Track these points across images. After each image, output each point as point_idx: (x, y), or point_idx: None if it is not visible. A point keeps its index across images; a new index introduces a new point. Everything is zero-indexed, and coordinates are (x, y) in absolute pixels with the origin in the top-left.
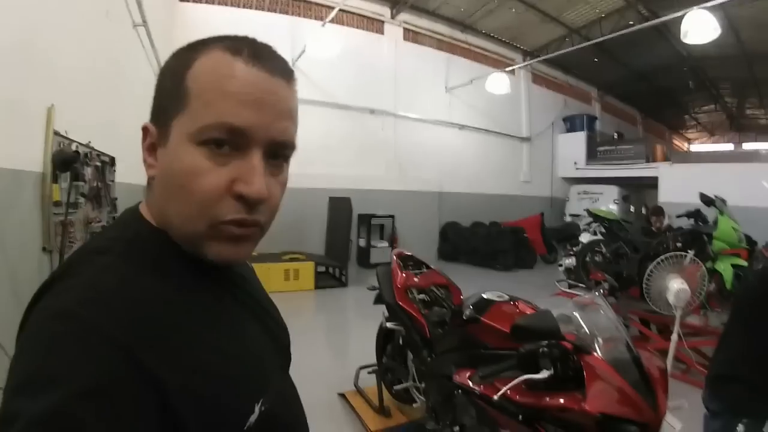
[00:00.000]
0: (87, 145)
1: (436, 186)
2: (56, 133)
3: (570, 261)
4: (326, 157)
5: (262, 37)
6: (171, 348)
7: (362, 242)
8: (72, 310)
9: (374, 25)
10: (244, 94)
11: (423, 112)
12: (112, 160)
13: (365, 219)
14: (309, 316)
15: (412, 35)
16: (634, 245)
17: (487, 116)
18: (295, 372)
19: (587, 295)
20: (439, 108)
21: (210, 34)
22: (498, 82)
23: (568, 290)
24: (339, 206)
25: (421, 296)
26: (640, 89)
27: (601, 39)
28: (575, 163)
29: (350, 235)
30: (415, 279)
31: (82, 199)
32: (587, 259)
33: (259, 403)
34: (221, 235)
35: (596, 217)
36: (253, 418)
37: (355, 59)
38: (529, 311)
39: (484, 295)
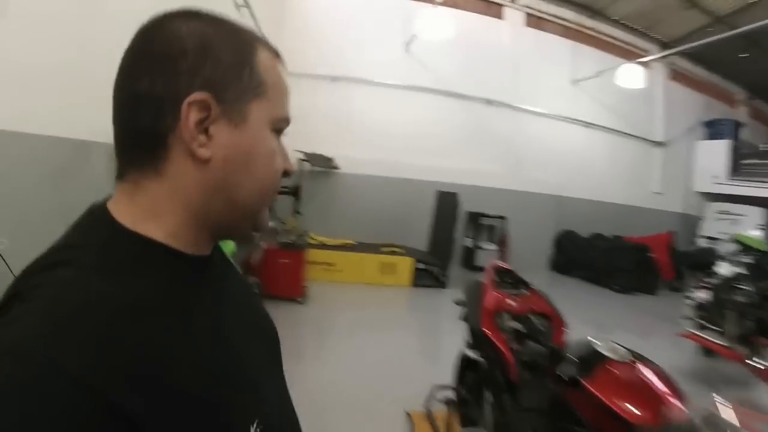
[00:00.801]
0: None
1: (554, 189)
2: None
3: (702, 295)
4: (436, 147)
5: (374, 21)
6: (150, 380)
7: (468, 242)
8: (26, 348)
9: (492, 9)
10: (290, 95)
11: (544, 105)
12: None
13: (474, 218)
14: (397, 315)
15: (534, 21)
16: None
17: (617, 114)
18: (367, 372)
19: None
20: (563, 102)
21: (321, 20)
22: (630, 75)
23: (698, 333)
24: (446, 201)
25: (515, 325)
26: None
27: (752, 27)
28: (715, 176)
29: (455, 234)
30: (510, 302)
31: None
32: (726, 296)
33: (254, 425)
34: (269, 205)
35: (745, 246)
36: None
37: (471, 45)
38: (659, 384)
39: (596, 347)
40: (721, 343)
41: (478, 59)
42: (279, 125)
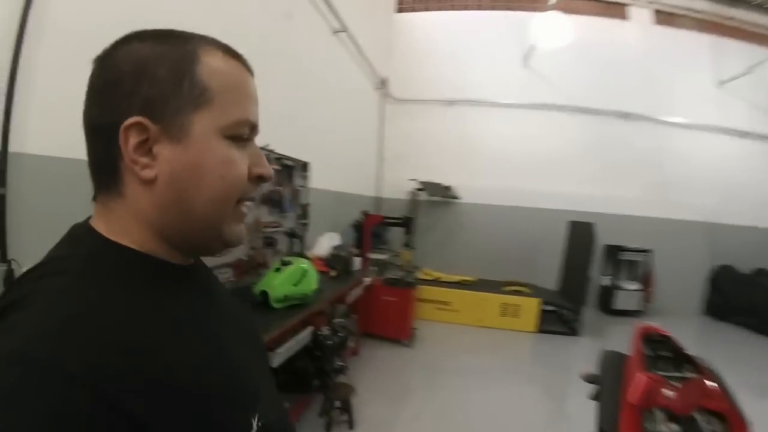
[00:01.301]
0: (262, 148)
1: (707, 215)
2: None
3: None
4: (566, 171)
5: (485, 37)
6: (150, 378)
7: (606, 280)
8: (25, 351)
9: (614, 9)
10: (254, 94)
11: (688, 115)
12: (304, 165)
13: (612, 252)
14: (517, 366)
15: (664, 17)
16: None
17: None
18: None
19: None
20: (709, 109)
21: (430, 43)
22: None
23: None
24: (579, 233)
25: (673, 428)
26: None
27: None
28: None
29: (590, 271)
30: (668, 392)
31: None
32: None
33: (256, 419)
34: (237, 216)
35: None
36: None
37: (595, 52)
38: None
39: None
40: None
41: (605, 67)
42: (235, 130)
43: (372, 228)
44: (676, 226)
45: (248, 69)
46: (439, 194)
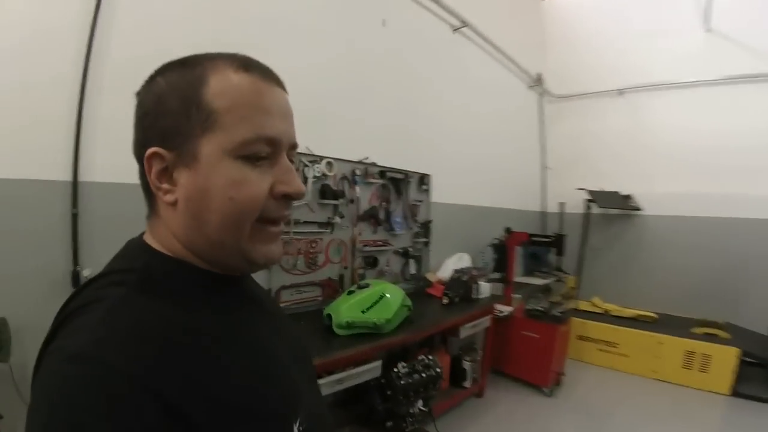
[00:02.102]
0: (359, 162)
1: None
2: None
3: None
4: None
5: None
6: (197, 381)
7: None
8: (88, 352)
9: None
10: (272, 107)
11: None
12: (421, 179)
13: None
14: None
15: None
16: None
17: None
18: None
19: None
20: None
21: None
22: None
23: None
24: None
25: None
26: None
27: None
28: None
29: None
30: None
31: (338, 219)
32: None
33: (297, 423)
34: (263, 236)
35: None
36: None
37: None
38: None
39: None
40: None
41: None
42: (246, 150)
43: (526, 248)
44: None
45: (271, 80)
46: (615, 205)
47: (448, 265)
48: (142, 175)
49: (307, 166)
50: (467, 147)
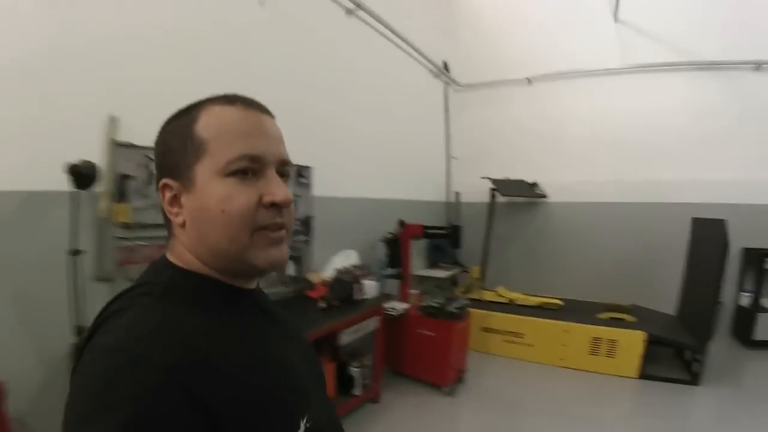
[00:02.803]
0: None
1: None
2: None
3: None
4: (686, 151)
5: None
6: (216, 374)
7: (744, 299)
8: (123, 345)
9: None
10: (253, 130)
11: None
12: (300, 171)
13: (754, 258)
14: None
15: None
16: None
17: None
18: None
19: None
20: None
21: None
22: None
23: None
24: (705, 235)
25: None
26: None
27: None
28: None
29: (720, 289)
30: None
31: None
32: None
33: (304, 420)
34: (263, 242)
35: None
36: None
37: None
38: None
39: None
40: None
41: (729, 4)
42: (233, 166)
43: (432, 240)
44: None
45: (252, 108)
46: (520, 194)
47: (334, 263)
48: (161, 205)
49: (153, 160)
50: (362, 137)
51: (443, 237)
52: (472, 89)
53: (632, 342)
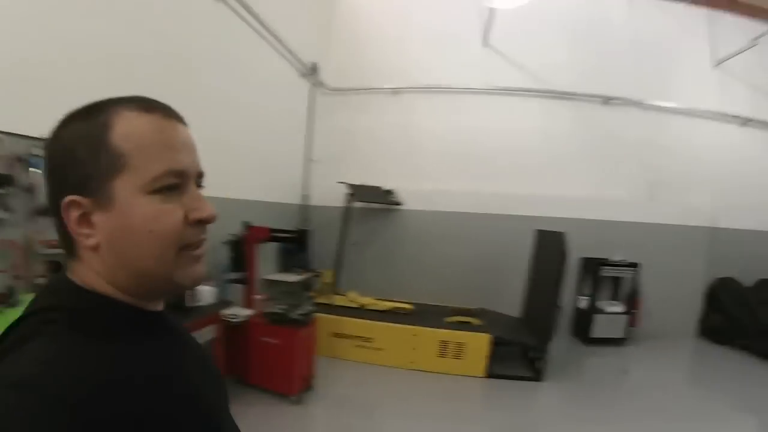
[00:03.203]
0: (40, 138)
1: (705, 218)
2: None
3: None
4: (535, 169)
5: (438, 12)
6: (123, 406)
7: (583, 302)
8: (28, 381)
9: None
10: (175, 142)
11: (681, 98)
12: None
13: (591, 266)
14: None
15: None
16: None
17: None
18: None
19: None
20: (707, 93)
21: (374, 20)
22: None
23: None
24: (547, 245)
25: None
26: None
27: None
28: None
29: (559, 294)
30: None
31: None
32: None
33: None
34: (187, 261)
35: None
36: None
37: (573, 28)
38: None
39: None
40: None
41: (586, 45)
42: (159, 183)
43: (287, 244)
44: (668, 232)
45: (171, 118)
46: (376, 200)
47: None
48: (59, 224)
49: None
50: (208, 130)
51: (290, 241)
52: (341, 94)
53: (478, 344)
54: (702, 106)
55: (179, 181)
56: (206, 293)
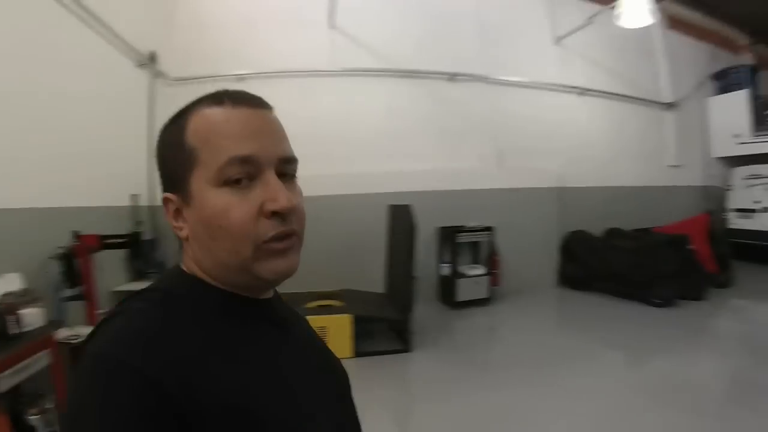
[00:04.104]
0: None
1: (553, 180)
2: None
3: None
4: (387, 147)
5: None
6: (199, 386)
7: (445, 269)
8: (103, 351)
9: None
10: (243, 129)
11: (525, 73)
12: None
13: (448, 234)
14: None
15: None
16: None
17: (614, 75)
18: None
19: None
20: (548, 67)
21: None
22: (633, 8)
23: None
24: (398, 219)
25: None
26: None
27: None
28: (736, 135)
29: (413, 264)
30: None
31: None
32: None
33: None
34: (268, 254)
35: None
36: None
37: (418, 8)
38: None
39: None
40: None
41: (430, 24)
42: (226, 174)
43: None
44: (519, 195)
45: (240, 104)
46: None
47: None
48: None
49: None
50: (26, 132)
51: (123, 246)
52: (184, 83)
53: (341, 325)
54: (544, 79)
55: (248, 169)
56: (32, 316)
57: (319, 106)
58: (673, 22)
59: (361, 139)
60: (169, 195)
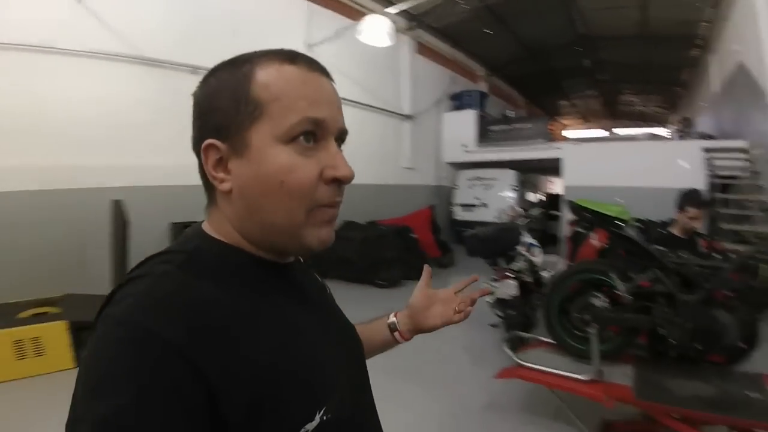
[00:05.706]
0: None
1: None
2: None
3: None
4: (119, 140)
5: None
6: (224, 351)
7: None
8: (129, 318)
9: None
10: (317, 93)
11: None
12: None
13: (180, 231)
14: None
15: None
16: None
17: (362, 87)
18: None
19: None
20: None
21: None
22: (375, 29)
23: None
24: (116, 215)
25: None
26: (527, 71)
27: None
28: (464, 145)
29: (126, 262)
30: None
31: None
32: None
33: (321, 411)
34: (317, 220)
35: (595, 217)
36: (311, 425)
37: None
38: None
39: None
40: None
41: (181, 15)
42: (295, 131)
43: None
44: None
45: (316, 71)
46: None
47: None
48: (201, 168)
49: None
50: None
51: None
52: None
53: (56, 334)
54: None
55: (316, 130)
56: None
57: (53, 88)
58: (422, 48)
59: (90, 129)
60: (215, 142)
